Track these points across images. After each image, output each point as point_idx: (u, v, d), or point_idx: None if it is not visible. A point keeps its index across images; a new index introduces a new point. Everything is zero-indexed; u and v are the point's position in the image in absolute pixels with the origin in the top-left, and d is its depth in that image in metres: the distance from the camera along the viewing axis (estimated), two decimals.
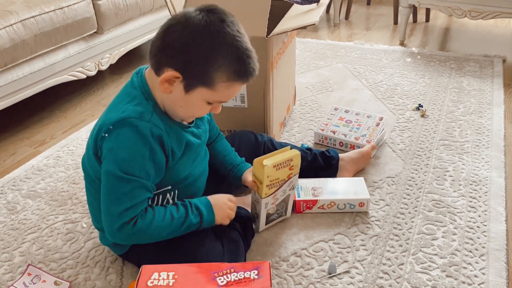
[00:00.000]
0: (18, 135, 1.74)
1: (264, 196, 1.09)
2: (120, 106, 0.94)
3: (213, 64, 0.88)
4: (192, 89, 0.91)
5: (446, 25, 2.88)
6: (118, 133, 0.90)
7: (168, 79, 0.90)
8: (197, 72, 0.89)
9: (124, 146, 0.90)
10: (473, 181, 1.36)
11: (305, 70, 2.19)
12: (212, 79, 0.89)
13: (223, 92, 0.92)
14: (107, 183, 0.92)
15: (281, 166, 1.06)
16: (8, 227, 1.24)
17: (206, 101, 0.94)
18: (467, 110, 1.77)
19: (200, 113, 0.99)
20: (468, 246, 1.13)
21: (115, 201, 0.91)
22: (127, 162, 0.90)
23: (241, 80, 0.92)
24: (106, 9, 1.94)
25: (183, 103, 0.93)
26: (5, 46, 1.55)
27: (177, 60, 0.88)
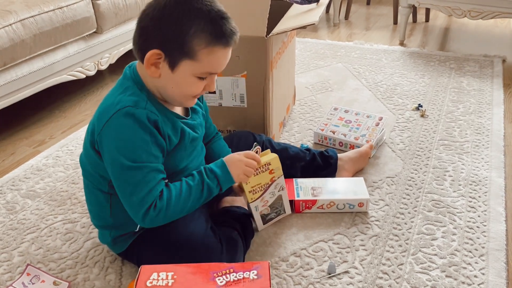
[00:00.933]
0: (17, 135, 1.74)
1: (250, 200, 1.09)
2: (113, 97, 0.94)
3: (188, 32, 0.87)
4: (177, 65, 0.90)
5: (446, 25, 2.87)
6: (117, 124, 0.90)
7: (152, 61, 0.90)
8: (174, 44, 0.88)
9: (125, 136, 0.90)
10: (472, 181, 1.36)
11: (305, 70, 2.19)
12: (191, 48, 0.88)
13: (207, 61, 0.90)
14: (119, 176, 0.92)
15: (259, 171, 1.06)
16: (7, 227, 1.24)
17: (195, 76, 0.92)
18: (467, 110, 1.77)
19: (195, 90, 0.95)
20: (467, 246, 1.13)
21: (132, 191, 0.91)
22: (132, 150, 0.90)
23: (221, 43, 0.90)
24: (105, 9, 1.94)
25: (173, 83, 0.93)
26: (4, 45, 1.55)
27: (155, 39, 0.89)
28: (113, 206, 1.01)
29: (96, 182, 1.00)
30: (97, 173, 0.98)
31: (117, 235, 1.05)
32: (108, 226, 1.05)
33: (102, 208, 1.03)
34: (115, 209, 1.01)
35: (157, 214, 0.92)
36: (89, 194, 1.06)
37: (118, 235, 1.05)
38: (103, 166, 0.96)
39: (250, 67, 1.36)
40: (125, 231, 1.04)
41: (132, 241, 1.04)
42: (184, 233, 1.00)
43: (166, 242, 1.00)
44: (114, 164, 0.91)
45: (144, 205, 0.91)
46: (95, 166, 0.98)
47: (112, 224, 1.04)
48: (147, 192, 0.91)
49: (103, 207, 1.02)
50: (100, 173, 0.98)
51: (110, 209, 1.02)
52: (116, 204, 1.00)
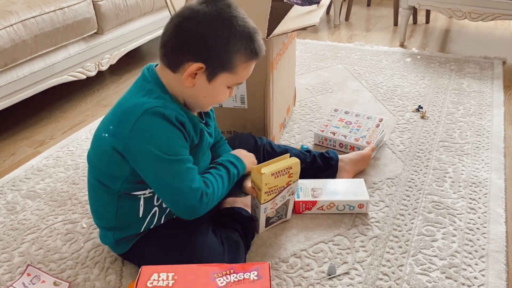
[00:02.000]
0: (18, 135, 1.74)
1: (263, 202, 1.09)
2: (137, 99, 0.94)
3: (233, 49, 0.92)
4: (215, 77, 0.95)
5: (446, 27, 2.88)
6: (149, 123, 0.90)
7: (192, 72, 0.93)
8: (219, 59, 0.93)
9: (160, 133, 0.91)
10: (473, 183, 1.36)
11: (305, 71, 2.19)
12: (233, 63, 0.94)
13: (242, 73, 0.97)
14: (161, 171, 0.92)
15: (280, 174, 1.07)
16: (8, 227, 1.24)
17: (226, 86, 0.98)
18: (467, 111, 1.78)
19: (222, 99, 1.01)
20: (468, 248, 1.13)
21: (179, 182, 0.93)
22: (169, 145, 0.92)
23: (256, 58, 0.97)
24: (106, 10, 1.94)
25: (207, 93, 0.97)
26: (5, 46, 1.55)
27: (198, 53, 0.92)
28: (120, 207, 1.01)
29: (108, 181, 0.99)
30: (112, 173, 0.97)
31: (120, 237, 1.04)
32: (112, 227, 1.05)
33: (108, 209, 1.02)
34: (121, 210, 1.01)
35: (209, 200, 0.97)
36: (95, 194, 1.04)
37: (121, 237, 1.04)
38: (123, 167, 0.95)
39: None
40: (129, 233, 1.04)
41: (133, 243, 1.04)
42: (186, 234, 1.00)
43: (168, 244, 1.00)
44: (153, 162, 0.91)
45: (196, 192, 0.94)
46: (112, 166, 0.96)
47: (117, 225, 1.03)
48: (193, 180, 0.94)
49: (109, 208, 1.02)
50: (115, 174, 0.97)
51: (116, 210, 1.01)
52: (123, 205, 1.00)
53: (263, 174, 1.03)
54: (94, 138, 1.02)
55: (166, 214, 1.05)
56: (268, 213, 1.15)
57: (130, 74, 2.26)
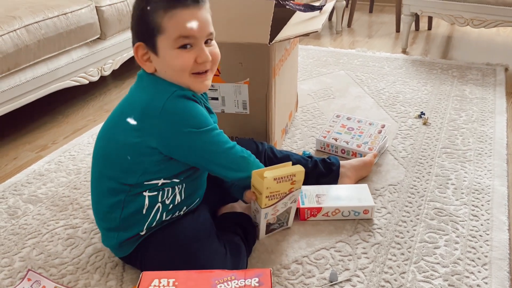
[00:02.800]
0: (20, 139, 1.75)
1: (263, 206, 1.08)
2: (148, 90, 0.98)
3: (147, 10, 0.93)
4: (156, 46, 0.95)
5: (449, 33, 2.88)
6: (175, 106, 0.94)
7: (141, 56, 0.97)
8: (144, 28, 0.95)
9: (189, 112, 0.95)
10: (475, 190, 1.36)
11: (308, 77, 2.19)
12: (155, 22, 0.93)
13: (172, 26, 0.93)
14: (205, 143, 0.97)
15: (282, 179, 1.06)
16: (9, 232, 1.24)
17: (174, 48, 0.94)
18: (470, 118, 1.77)
19: (183, 63, 0.95)
20: (470, 255, 1.12)
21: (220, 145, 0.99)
22: (197, 120, 0.96)
23: (179, 4, 0.93)
24: (109, 15, 1.95)
25: (164, 66, 0.97)
26: (9, 51, 1.56)
27: (134, 34, 0.98)
28: (125, 207, 1.01)
29: (123, 176, 0.99)
30: (130, 167, 0.98)
31: (124, 238, 1.04)
32: (115, 228, 1.04)
33: (112, 210, 1.02)
34: (126, 210, 1.01)
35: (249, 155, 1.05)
36: (102, 194, 1.04)
37: (125, 238, 1.04)
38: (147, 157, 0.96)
39: (253, 74, 1.36)
40: (132, 233, 1.03)
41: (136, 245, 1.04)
42: (189, 236, 1.00)
43: (171, 246, 1.00)
44: (190, 138, 0.95)
45: (241, 151, 1.03)
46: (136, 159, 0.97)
47: (120, 225, 1.03)
48: (227, 141, 1.01)
49: (114, 209, 1.01)
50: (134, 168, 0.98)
51: (121, 210, 1.01)
52: (129, 205, 1.00)
53: (265, 178, 1.03)
54: (104, 138, 1.03)
55: (167, 211, 1.05)
56: (269, 219, 1.14)
57: (132, 79, 2.26)
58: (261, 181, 1.03)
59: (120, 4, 2.00)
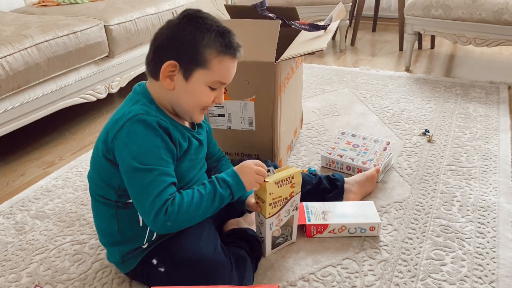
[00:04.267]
0: (28, 156, 1.76)
1: (268, 215, 1.09)
2: (125, 109, 0.99)
3: (201, 42, 0.95)
4: (191, 74, 0.97)
5: (451, 52, 2.91)
6: (129, 131, 0.94)
7: (167, 72, 0.96)
8: (189, 54, 0.96)
9: (137, 140, 0.94)
10: (481, 207, 1.36)
11: (312, 95, 2.21)
12: (204, 57, 0.96)
13: (218, 69, 0.98)
14: (132, 179, 0.94)
15: (283, 183, 1.08)
16: (16, 247, 1.25)
17: (207, 85, 0.99)
18: (474, 135, 1.78)
19: (206, 100, 1.01)
20: (477, 273, 1.12)
21: (143, 193, 0.93)
22: (143, 154, 0.93)
23: (230, 54, 0.98)
24: (117, 34, 1.99)
25: (187, 93, 0.99)
26: (19, 69, 1.59)
27: (170, 52, 0.96)
28: (120, 220, 1.03)
29: (104, 192, 1.02)
30: (105, 182, 1.01)
31: (126, 251, 1.05)
32: (116, 242, 1.05)
33: (110, 224, 1.04)
34: (122, 223, 1.03)
35: (168, 219, 0.93)
36: (97, 211, 1.07)
37: (127, 251, 1.05)
38: (112, 173, 0.98)
39: (259, 91, 1.38)
40: (133, 246, 1.04)
41: (141, 259, 1.05)
42: (194, 250, 1.01)
43: (176, 260, 1.00)
44: (126, 167, 0.94)
45: (154, 207, 0.92)
46: (104, 173, 1.00)
47: (120, 239, 1.04)
48: (157, 194, 0.93)
49: (110, 222, 1.04)
50: (108, 182, 1.01)
51: (117, 223, 1.03)
52: (123, 217, 1.02)
53: (267, 183, 1.04)
54: (92, 152, 1.06)
55: None
56: (274, 231, 1.14)
57: None
58: (265, 187, 1.05)
59: (128, 23, 2.04)
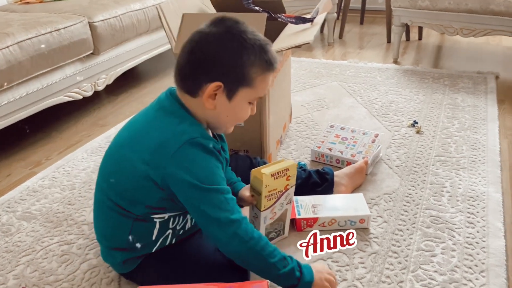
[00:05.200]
0: (14, 156, 1.74)
1: (263, 209, 1.08)
2: (173, 127, 0.92)
3: (247, 62, 0.91)
4: (235, 94, 0.93)
5: (439, 43, 2.91)
6: (190, 155, 0.90)
7: (211, 93, 0.92)
8: (235, 75, 0.92)
9: (200, 164, 0.91)
10: (470, 197, 1.36)
11: (301, 89, 2.20)
12: (250, 76, 0.92)
13: (261, 86, 0.95)
14: (203, 201, 0.91)
15: (279, 175, 1.07)
16: (2, 249, 1.23)
17: (249, 102, 0.97)
18: (462, 126, 1.78)
19: (245, 116, 0.99)
20: (467, 263, 1.12)
21: (218, 211, 0.91)
22: (209, 175, 0.91)
23: (272, 69, 0.95)
24: (102, 31, 1.96)
25: (229, 112, 0.96)
26: (1, 68, 1.56)
27: (214, 72, 0.91)
28: (134, 231, 0.99)
29: (128, 205, 0.97)
30: (136, 198, 0.96)
31: (129, 257, 1.02)
32: (122, 249, 1.02)
33: (120, 231, 0.99)
34: (135, 233, 0.99)
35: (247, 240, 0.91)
36: (107, 218, 1.01)
37: (130, 257, 1.02)
38: (152, 194, 0.93)
39: None
40: (139, 253, 1.02)
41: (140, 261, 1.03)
42: (193, 251, 1.00)
43: (175, 262, 0.99)
44: (192, 192, 0.90)
45: (232, 223, 0.90)
46: (140, 192, 0.94)
47: (127, 247, 1.01)
48: (231, 209, 0.91)
49: (122, 230, 0.99)
50: (140, 199, 0.95)
51: (129, 232, 0.99)
52: (138, 230, 0.98)
53: (263, 174, 1.03)
54: (115, 159, 0.99)
55: (177, 236, 1.04)
56: (267, 225, 1.13)
57: (126, 94, 2.26)
58: (261, 180, 1.04)
59: (113, 19, 2.01)
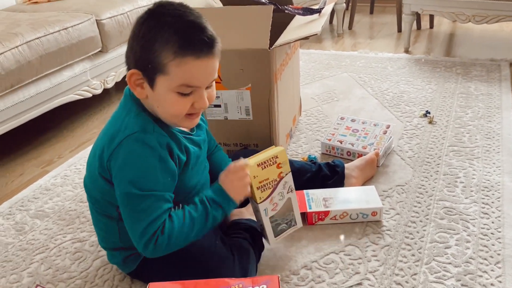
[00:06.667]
0: (26, 155, 1.75)
1: (259, 201, 1.03)
2: (120, 121, 0.92)
3: (153, 46, 0.85)
4: (154, 83, 0.88)
5: (451, 31, 2.86)
6: (125, 151, 0.88)
7: (133, 81, 0.89)
8: (145, 61, 0.86)
9: (134, 163, 0.88)
10: (485, 187, 1.34)
11: (310, 81, 2.18)
12: (160, 62, 0.85)
13: (179, 73, 0.85)
14: (126, 204, 0.90)
15: (266, 164, 1.01)
16: (17, 248, 1.24)
17: (174, 91, 0.87)
18: (476, 115, 1.75)
19: (180, 109, 0.90)
20: (482, 254, 1.10)
21: (136, 220, 0.89)
22: (140, 178, 0.88)
23: (191, 54, 0.85)
24: (110, 28, 1.96)
25: (157, 102, 0.90)
26: (11, 67, 1.57)
27: (131, 59, 0.89)
28: (122, 232, 0.99)
29: (104, 208, 0.98)
30: (105, 199, 0.97)
31: (128, 254, 1.03)
32: (117, 248, 1.04)
33: (111, 233, 1.02)
34: (124, 234, 0.99)
35: (158, 247, 0.89)
36: (96, 219, 1.04)
37: (128, 255, 1.03)
38: (111, 192, 0.94)
39: (255, 80, 1.36)
40: (135, 251, 1.02)
41: (142, 259, 1.03)
42: (194, 246, 0.99)
43: (177, 257, 0.99)
44: (120, 190, 0.90)
45: (145, 235, 0.88)
46: (103, 192, 0.96)
47: (122, 246, 1.02)
48: (149, 222, 0.88)
49: (112, 232, 1.01)
50: (108, 199, 0.96)
51: (119, 234, 1.00)
52: (125, 230, 0.98)
53: (248, 165, 0.98)
54: (88, 162, 1.00)
55: None
56: (272, 216, 1.07)
57: None
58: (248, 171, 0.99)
59: (120, 16, 2.01)
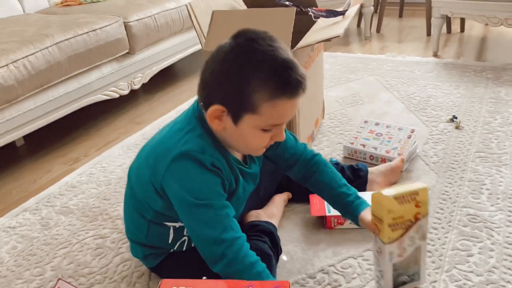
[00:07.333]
0: (54, 153, 1.80)
1: (387, 241, 0.89)
2: (180, 135, 0.91)
3: (248, 87, 0.82)
4: (240, 119, 0.86)
5: (482, 35, 2.79)
6: (182, 166, 0.88)
7: (214, 115, 0.87)
8: (236, 100, 0.84)
9: (191, 177, 0.88)
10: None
11: (335, 84, 2.17)
12: (253, 102, 0.83)
13: (271, 114, 0.84)
14: (190, 215, 0.89)
15: (405, 199, 0.87)
16: (41, 242, 1.28)
17: (260, 129, 0.87)
18: (505, 120, 1.70)
19: (261, 144, 0.90)
20: (506, 263, 1.06)
21: (207, 228, 0.87)
22: (199, 189, 0.88)
23: (286, 95, 0.83)
24: (137, 30, 2.00)
25: (237, 136, 0.89)
26: (41, 68, 1.62)
27: (217, 94, 0.86)
28: (150, 232, 1.01)
29: (141, 207, 0.99)
30: (147, 202, 0.97)
31: (148, 253, 1.05)
32: (141, 243, 1.05)
33: (139, 230, 1.03)
34: (151, 234, 1.01)
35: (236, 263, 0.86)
36: (129, 212, 1.05)
37: (149, 253, 1.05)
38: (156, 199, 0.94)
39: None
40: (159, 251, 1.05)
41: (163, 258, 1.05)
42: None
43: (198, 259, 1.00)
44: (183, 205, 0.89)
45: (221, 243, 0.86)
46: (147, 197, 0.96)
47: (147, 244, 1.04)
48: (222, 229, 0.87)
49: (141, 230, 1.02)
50: (148, 203, 0.97)
51: (147, 232, 1.02)
52: (154, 231, 1.01)
53: (385, 197, 0.86)
54: (137, 162, 1.01)
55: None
56: (396, 264, 0.91)
57: (162, 92, 2.30)
58: (381, 203, 0.88)
59: (147, 19, 2.05)
